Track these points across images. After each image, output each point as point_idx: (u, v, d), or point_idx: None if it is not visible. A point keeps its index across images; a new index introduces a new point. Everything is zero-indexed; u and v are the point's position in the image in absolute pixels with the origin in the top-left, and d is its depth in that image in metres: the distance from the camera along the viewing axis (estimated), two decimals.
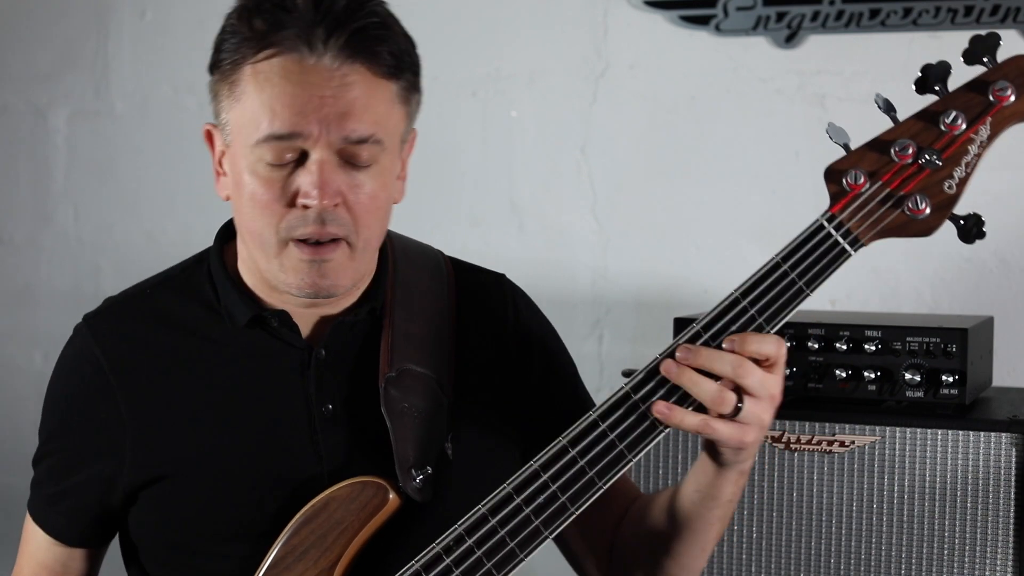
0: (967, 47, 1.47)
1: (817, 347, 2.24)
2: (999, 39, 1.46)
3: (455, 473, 1.63)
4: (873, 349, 2.21)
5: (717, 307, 1.51)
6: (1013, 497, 2.12)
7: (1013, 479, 2.12)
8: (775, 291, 1.50)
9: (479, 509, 1.53)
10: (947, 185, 1.48)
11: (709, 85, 2.91)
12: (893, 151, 1.48)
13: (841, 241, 1.50)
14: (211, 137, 1.66)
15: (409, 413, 1.62)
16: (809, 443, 2.22)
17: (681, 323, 2.25)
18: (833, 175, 1.51)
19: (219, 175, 1.65)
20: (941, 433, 2.16)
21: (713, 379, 1.48)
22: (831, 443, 2.21)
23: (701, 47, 2.90)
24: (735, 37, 2.87)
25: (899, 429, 2.18)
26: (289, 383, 1.66)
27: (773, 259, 1.51)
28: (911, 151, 1.48)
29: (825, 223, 1.50)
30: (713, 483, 1.59)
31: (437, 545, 1.53)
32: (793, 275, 1.50)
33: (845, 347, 2.22)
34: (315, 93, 1.52)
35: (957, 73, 1.49)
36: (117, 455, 1.67)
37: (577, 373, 1.82)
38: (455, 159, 3.10)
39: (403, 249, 1.76)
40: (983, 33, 1.47)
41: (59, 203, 3.44)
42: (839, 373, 2.22)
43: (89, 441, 1.69)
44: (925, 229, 1.50)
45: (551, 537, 1.53)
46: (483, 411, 1.70)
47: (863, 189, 1.49)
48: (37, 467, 1.76)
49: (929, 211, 1.48)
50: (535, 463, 1.53)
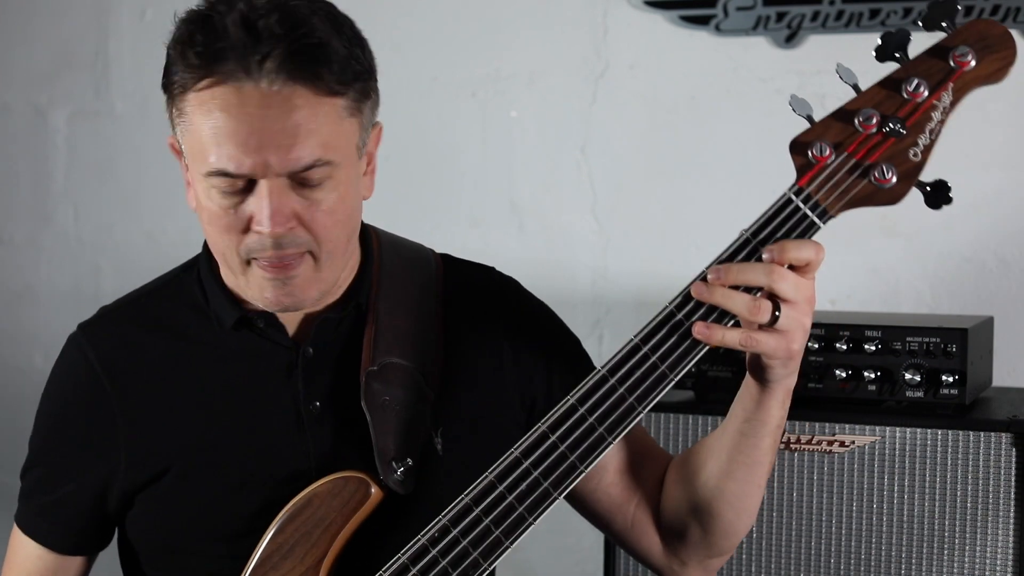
0: (926, 12, 1.46)
1: (817, 347, 2.23)
2: (956, 4, 1.46)
3: (441, 465, 1.64)
4: (873, 349, 2.21)
5: (689, 285, 1.51)
6: (1013, 497, 2.12)
7: (1013, 479, 2.12)
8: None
9: (463, 499, 1.53)
10: (912, 153, 1.48)
11: (709, 85, 2.91)
12: (857, 121, 1.49)
13: (809, 214, 1.50)
14: (177, 150, 1.65)
15: (390, 406, 1.63)
16: (809, 443, 2.22)
17: None
18: (798, 147, 1.51)
19: (189, 184, 1.64)
20: (941, 433, 2.16)
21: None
22: (831, 443, 2.21)
23: (701, 47, 2.90)
24: (735, 37, 2.87)
25: (899, 429, 2.18)
26: (277, 382, 1.67)
27: (743, 235, 1.51)
28: (875, 120, 1.48)
29: (793, 196, 1.51)
30: (760, 406, 1.57)
31: (422, 537, 1.54)
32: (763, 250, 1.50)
33: (845, 347, 2.22)
34: (256, 125, 1.49)
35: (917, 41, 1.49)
36: (112, 460, 1.68)
37: (583, 350, 1.81)
38: (455, 159, 3.10)
39: (390, 245, 1.76)
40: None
41: (59, 203, 3.44)
42: (839, 373, 2.22)
43: (84, 447, 1.70)
44: (892, 197, 1.49)
45: (535, 523, 1.53)
46: (473, 404, 1.70)
47: (829, 161, 1.50)
48: (27, 477, 1.76)
49: (896, 179, 1.48)
50: (516, 450, 1.53)
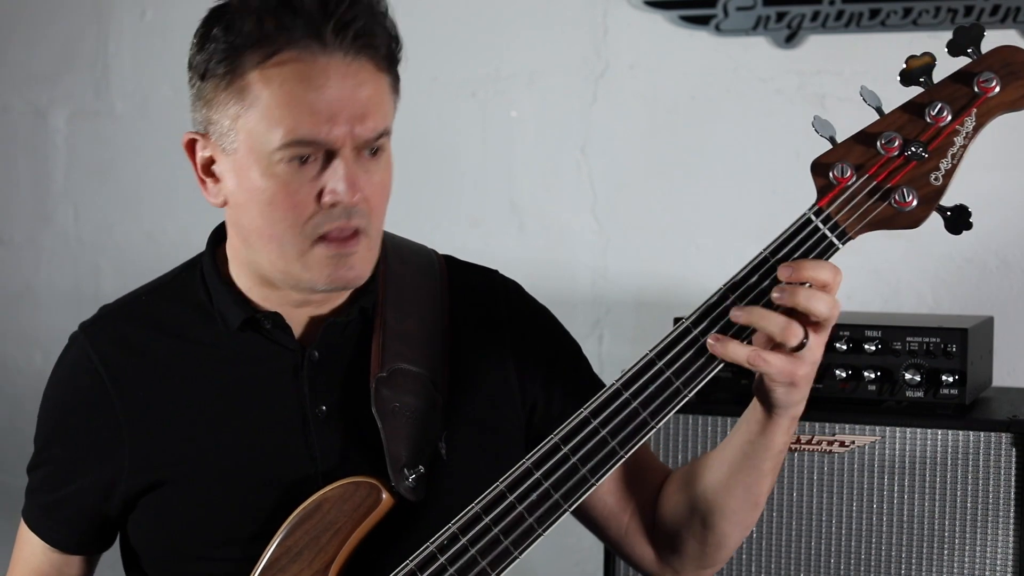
0: (951, 38, 1.47)
1: None
2: (983, 30, 1.46)
3: (449, 472, 1.63)
4: (873, 349, 2.21)
5: (706, 302, 1.51)
6: (1013, 497, 2.12)
7: (1013, 479, 2.12)
8: (764, 285, 1.50)
9: (473, 508, 1.53)
10: (933, 177, 1.48)
11: (709, 85, 2.91)
12: (879, 144, 1.49)
13: (829, 235, 1.50)
14: (192, 146, 1.64)
15: (401, 412, 1.62)
16: (809, 443, 2.22)
17: None
18: (820, 168, 1.51)
19: (205, 183, 1.64)
20: (941, 433, 2.16)
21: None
22: (831, 443, 2.21)
23: (701, 47, 2.90)
24: (735, 37, 2.87)
25: (899, 429, 2.18)
26: (283, 385, 1.66)
27: (761, 253, 1.51)
28: (897, 144, 1.48)
29: (812, 217, 1.51)
30: (764, 431, 1.57)
31: (431, 544, 1.53)
32: None
33: (845, 347, 2.22)
34: (334, 96, 1.52)
35: (942, 65, 1.49)
36: (115, 461, 1.67)
37: (583, 356, 1.81)
38: (455, 159, 3.10)
39: (396, 248, 1.75)
40: (966, 24, 1.47)
41: (59, 203, 3.44)
42: (839, 373, 2.22)
43: (87, 448, 1.69)
44: (912, 221, 1.49)
45: (544, 535, 1.53)
46: (478, 409, 1.70)
47: (850, 182, 1.49)
48: (32, 474, 1.76)
49: (916, 203, 1.48)
50: (528, 460, 1.53)
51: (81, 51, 3.39)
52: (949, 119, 1.47)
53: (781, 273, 1.48)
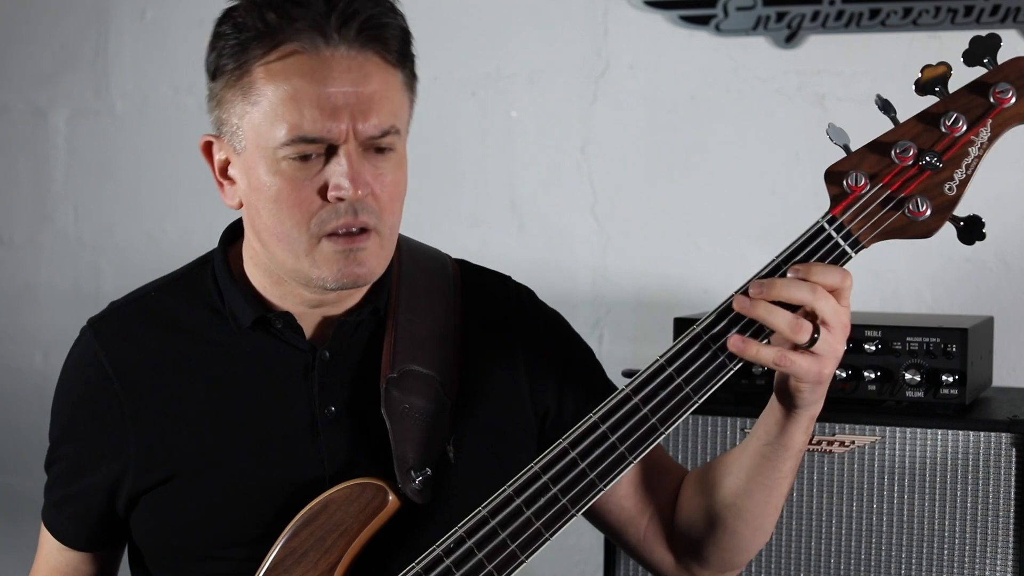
0: (968, 48, 1.47)
1: None
2: (999, 40, 1.46)
3: (457, 475, 1.63)
4: (873, 349, 2.21)
5: (718, 308, 1.51)
6: (1013, 497, 2.12)
7: (1013, 479, 2.12)
8: None
9: (480, 511, 1.52)
10: (947, 187, 1.48)
11: (709, 85, 2.91)
12: (894, 153, 1.48)
13: (842, 243, 1.49)
14: (209, 148, 1.63)
15: (410, 414, 1.62)
16: (809, 443, 2.22)
17: (681, 323, 2.25)
18: (834, 177, 1.51)
19: (223, 185, 1.63)
20: (941, 433, 2.16)
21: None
22: (831, 443, 2.21)
23: (701, 47, 2.90)
24: (735, 37, 2.87)
25: (899, 429, 2.18)
26: (293, 385, 1.65)
27: (774, 260, 1.50)
28: (912, 153, 1.48)
29: (826, 225, 1.50)
30: (784, 431, 1.57)
31: (438, 547, 1.53)
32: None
33: (845, 347, 2.22)
34: (337, 89, 1.51)
35: (957, 75, 1.49)
36: (122, 459, 1.67)
37: (596, 361, 1.81)
38: (455, 159, 3.10)
39: (410, 250, 1.75)
40: (983, 34, 1.47)
41: (59, 203, 3.44)
42: (839, 373, 2.22)
43: (94, 446, 1.69)
44: (926, 231, 1.49)
45: (551, 539, 1.52)
46: (487, 413, 1.69)
47: (864, 191, 1.49)
48: (48, 472, 1.76)
49: (930, 213, 1.48)
50: (536, 465, 1.52)
51: (81, 51, 3.39)
52: (964, 129, 1.47)
53: (790, 275, 1.48)
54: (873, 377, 2.21)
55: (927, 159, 1.47)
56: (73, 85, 3.41)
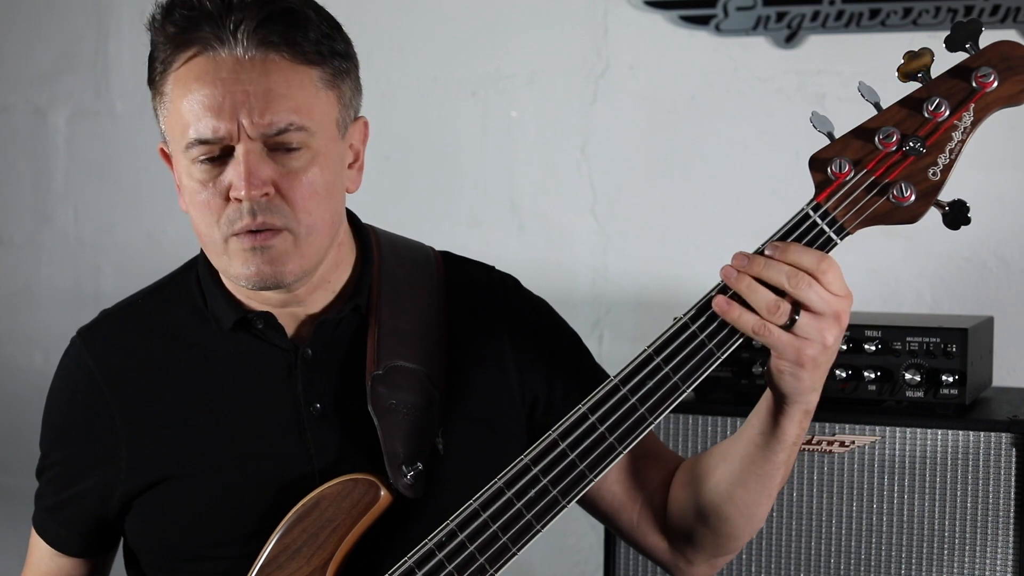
0: (949, 34, 1.47)
1: None
2: (981, 26, 1.46)
3: (447, 468, 1.63)
4: (873, 349, 2.21)
5: (703, 298, 1.52)
6: (1013, 497, 2.12)
7: (1013, 479, 2.12)
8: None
9: (471, 504, 1.53)
10: (931, 172, 1.48)
11: (709, 85, 2.91)
12: (877, 139, 1.49)
13: (827, 230, 1.50)
14: (166, 156, 1.67)
15: (398, 410, 1.62)
16: (809, 443, 2.22)
17: None
18: (818, 164, 1.51)
19: (180, 189, 1.65)
20: (941, 433, 2.16)
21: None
22: (831, 443, 2.21)
23: (701, 47, 2.90)
24: (735, 37, 2.87)
25: (899, 429, 2.18)
26: (277, 384, 1.66)
27: (760, 248, 1.51)
28: (895, 139, 1.48)
29: (811, 212, 1.51)
30: (777, 423, 1.57)
31: (429, 541, 1.54)
32: None
33: (845, 347, 2.22)
34: (229, 89, 1.53)
35: (939, 62, 1.49)
36: (114, 465, 1.68)
37: (584, 346, 1.81)
38: (455, 159, 3.10)
39: (390, 245, 1.75)
40: (964, 20, 1.47)
41: (59, 203, 3.44)
42: (839, 373, 2.22)
43: (86, 452, 1.70)
44: (910, 216, 1.49)
45: (542, 531, 1.53)
46: (475, 404, 1.70)
47: (848, 177, 1.50)
48: (39, 479, 1.77)
49: (914, 198, 1.48)
50: (526, 457, 1.53)
51: (81, 51, 3.39)
52: (947, 114, 1.48)
53: (766, 253, 1.48)
54: (873, 377, 2.21)
55: (910, 144, 1.47)
56: (73, 85, 3.41)
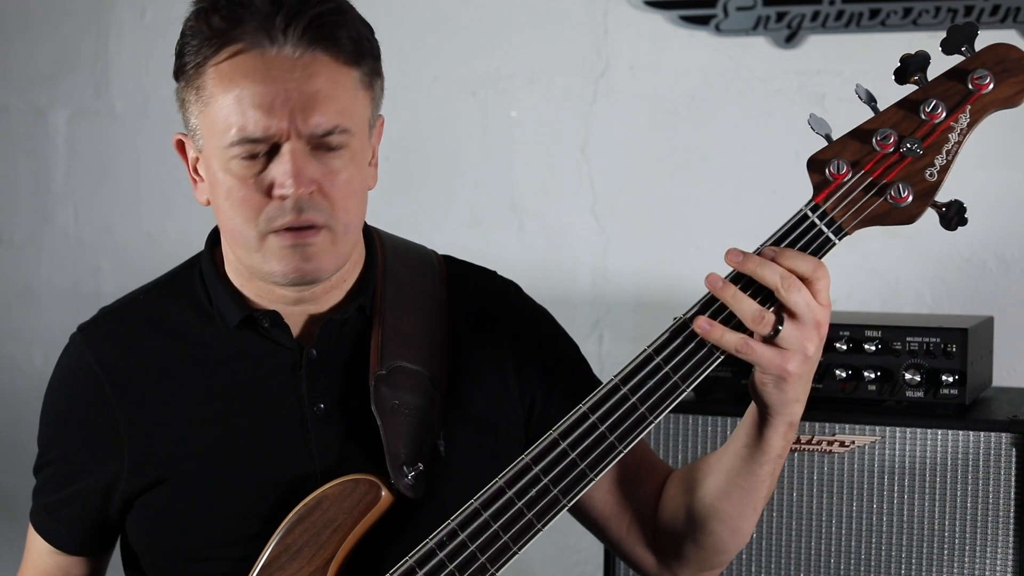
0: (945, 36, 1.48)
1: None
2: (976, 28, 1.48)
3: (448, 469, 1.64)
4: (873, 349, 2.21)
5: (703, 298, 1.52)
6: (1013, 497, 2.12)
7: (1013, 479, 2.12)
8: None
9: (472, 504, 1.53)
10: (928, 173, 1.49)
11: (709, 85, 2.91)
12: (875, 140, 1.50)
13: (825, 230, 1.51)
14: (183, 146, 1.68)
15: (400, 410, 1.62)
16: (809, 443, 2.22)
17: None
18: (816, 165, 1.52)
19: (195, 182, 1.66)
20: (941, 433, 2.16)
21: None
22: (831, 443, 2.21)
23: (701, 47, 2.90)
24: (735, 37, 2.87)
25: (899, 429, 2.18)
26: (281, 383, 1.66)
27: (759, 249, 1.51)
28: (892, 140, 1.49)
29: (809, 212, 1.51)
30: (761, 436, 1.57)
31: (430, 540, 1.54)
32: None
33: (845, 347, 2.22)
34: (280, 87, 1.53)
35: (936, 64, 1.50)
36: (115, 463, 1.67)
37: (581, 355, 1.82)
38: (455, 159, 3.10)
39: (393, 247, 1.76)
40: (960, 23, 1.48)
41: (59, 203, 3.44)
42: (839, 373, 2.22)
43: (87, 450, 1.69)
44: (908, 217, 1.50)
45: (543, 530, 1.53)
46: (476, 407, 1.70)
47: (846, 178, 1.50)
48: (37, 476, 1.76)
49: (911, 199, 1.49)
50: (527, 456, 1.53)
51: (81, 51, 3.39)
52: (944, 116, 1.48)
53: (765, 254, 1.48)
54: (873, 377, 2.21)
55: (908, 146, 1.48)
56: (73, 85, 3.41)
